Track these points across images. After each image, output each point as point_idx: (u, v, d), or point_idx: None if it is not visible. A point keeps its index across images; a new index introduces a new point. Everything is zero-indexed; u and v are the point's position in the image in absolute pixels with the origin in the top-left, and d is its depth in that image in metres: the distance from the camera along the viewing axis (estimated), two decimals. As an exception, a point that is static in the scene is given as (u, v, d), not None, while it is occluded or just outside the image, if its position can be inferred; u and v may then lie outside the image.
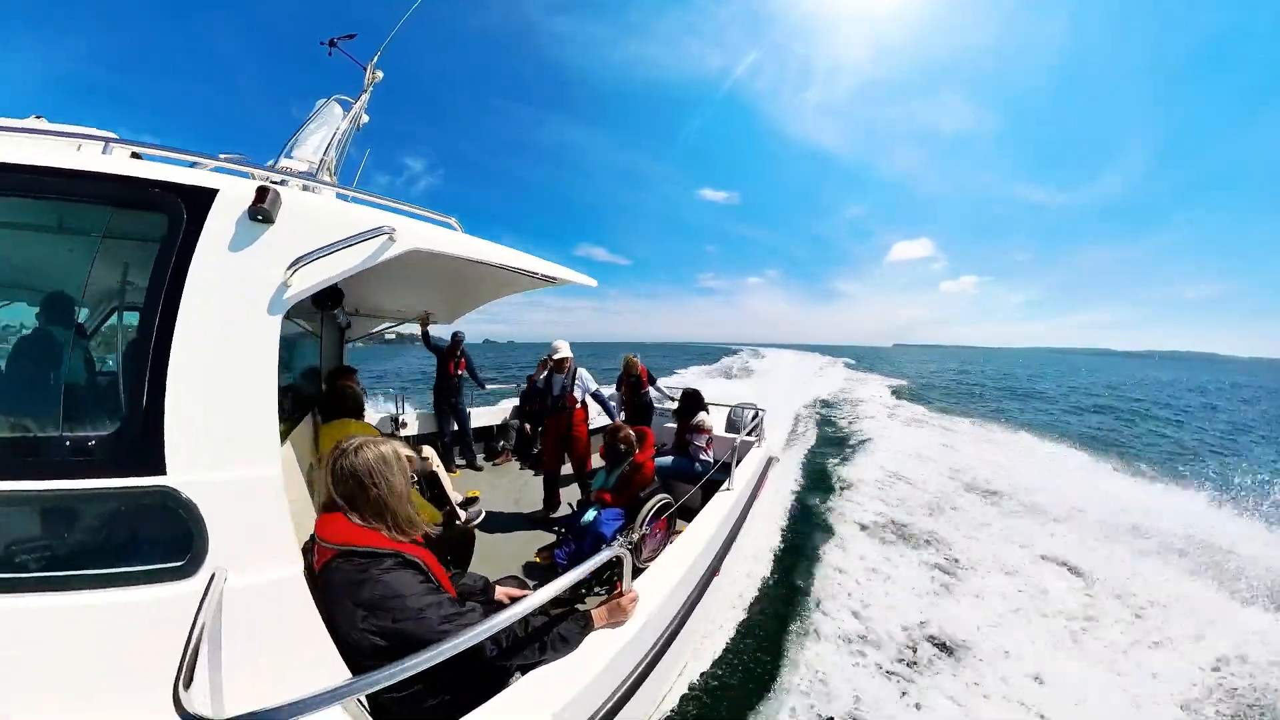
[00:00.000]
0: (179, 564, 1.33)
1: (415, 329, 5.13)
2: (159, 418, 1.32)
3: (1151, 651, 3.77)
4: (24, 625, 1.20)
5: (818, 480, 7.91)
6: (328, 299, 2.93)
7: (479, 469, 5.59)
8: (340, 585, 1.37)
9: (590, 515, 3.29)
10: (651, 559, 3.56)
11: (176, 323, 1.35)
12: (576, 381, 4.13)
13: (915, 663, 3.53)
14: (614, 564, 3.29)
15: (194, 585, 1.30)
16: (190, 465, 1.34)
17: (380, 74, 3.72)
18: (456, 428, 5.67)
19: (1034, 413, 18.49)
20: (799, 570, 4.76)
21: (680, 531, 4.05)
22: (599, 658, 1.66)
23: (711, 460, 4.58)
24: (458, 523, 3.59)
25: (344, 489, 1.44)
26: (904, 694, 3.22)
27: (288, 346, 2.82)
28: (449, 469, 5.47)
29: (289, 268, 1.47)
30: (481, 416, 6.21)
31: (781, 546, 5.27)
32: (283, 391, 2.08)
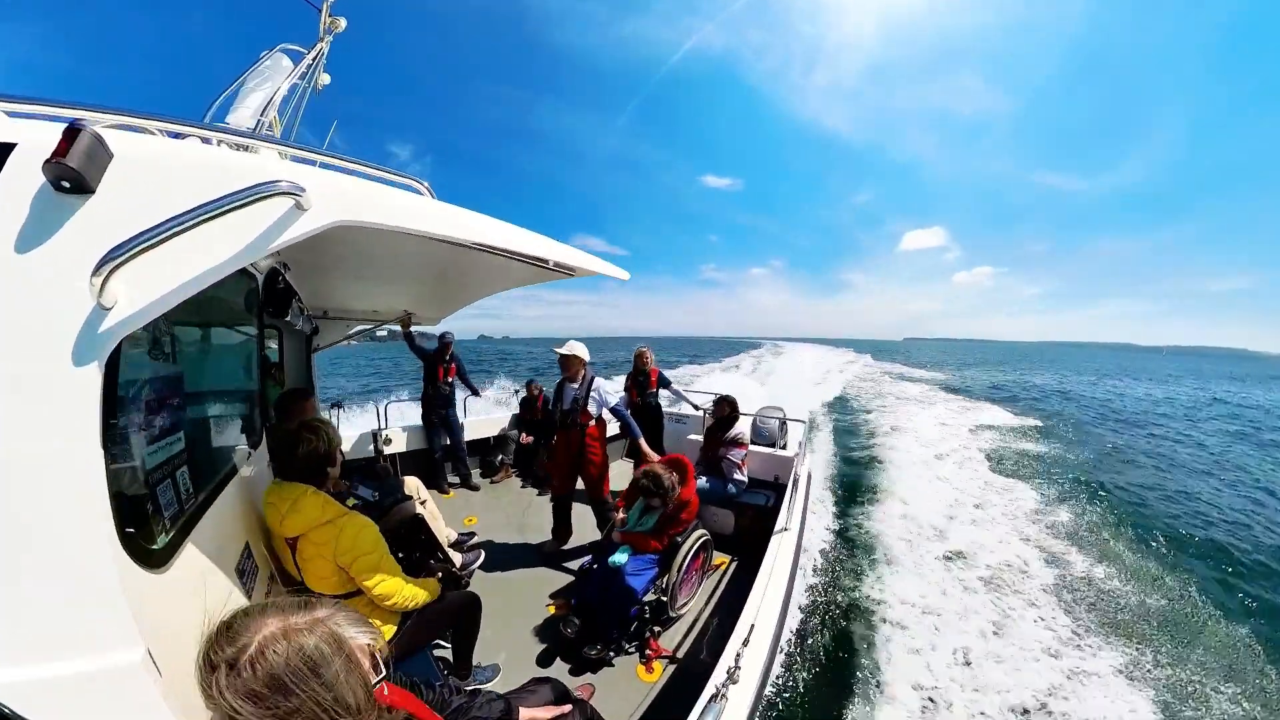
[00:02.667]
0: None
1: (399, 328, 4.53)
2: None
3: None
4: None
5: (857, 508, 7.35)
6: (268, 304, 2.36)
7: (475, 488, 5.08)
8: None
9: (620, 558, 2.78)
10: (687, 603, 3.12)
11: None
12: (592, 394, 3.54)
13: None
14: (645, 617, 2.83)
15: None
16: None
17: (343, 23, 3.11)
18: (448, 442, 5.14)
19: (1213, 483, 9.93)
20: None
21: (718, 566, 3.64)
22: None
23: (745, 480, 4.09)
24: (453, 569, 3.07)
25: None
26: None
27: (228, 358, 2.24)
28: (440, 489, 4.95)
29: (97, 270, 0.86)
30: (475, 428, 5.67)
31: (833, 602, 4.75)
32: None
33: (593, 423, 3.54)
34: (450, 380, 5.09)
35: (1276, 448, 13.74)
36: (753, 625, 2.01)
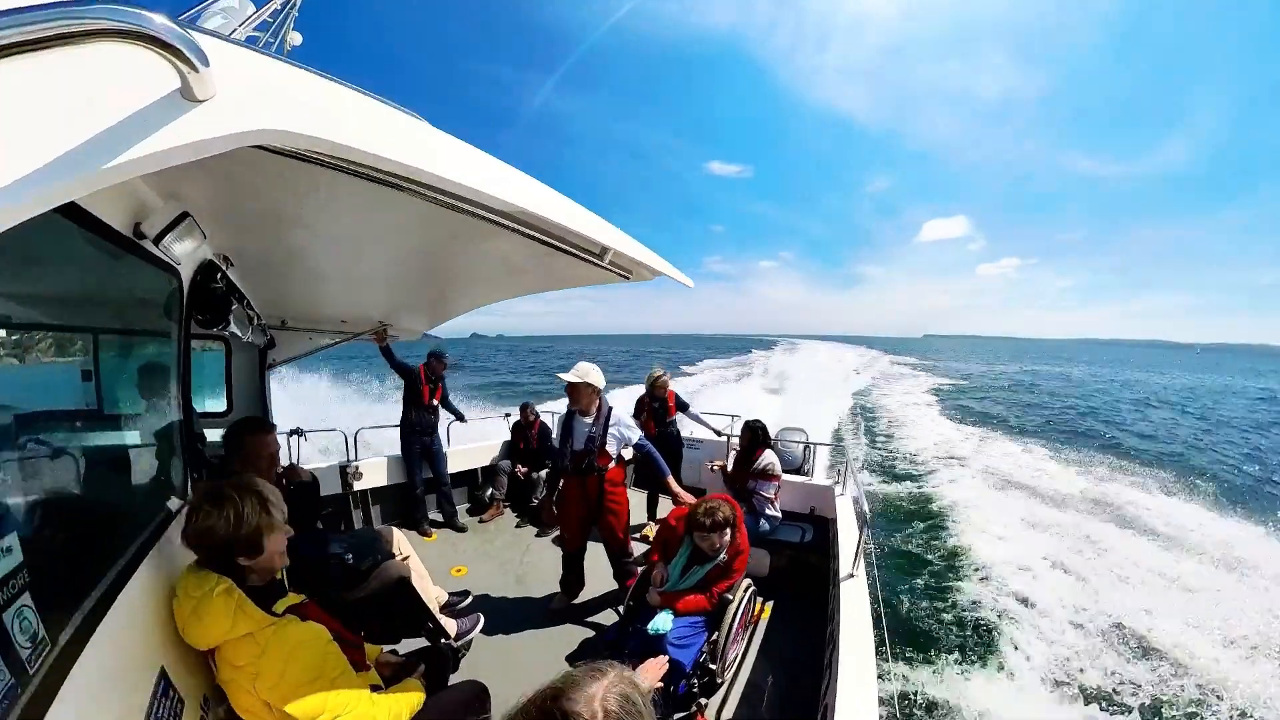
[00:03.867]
0: None
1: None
2: None
3: None
4: None
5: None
6: (199, 308, 1.81)
7: (461, 529, 4.44)
8: None
9: (663, 625, 2.25)
10: (734, 663, 2.60)
11: None
12: (612, 431, 2.94)
13: None
14: (694, 691, 2.30)
15: None
16: None
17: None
18: (430, 475, 4.50)
19: None
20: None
21: (764, 614, 3.11)
22: None
23: (779, 515, 3.63)
24: (447, 641, 2.47)
25: None
26: None
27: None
28: (421, 530, 4.30)
29: None
30: (461, 458, 5.03)
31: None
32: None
33: (613, 464, 2.98)
34: (434, 402, 4.49)
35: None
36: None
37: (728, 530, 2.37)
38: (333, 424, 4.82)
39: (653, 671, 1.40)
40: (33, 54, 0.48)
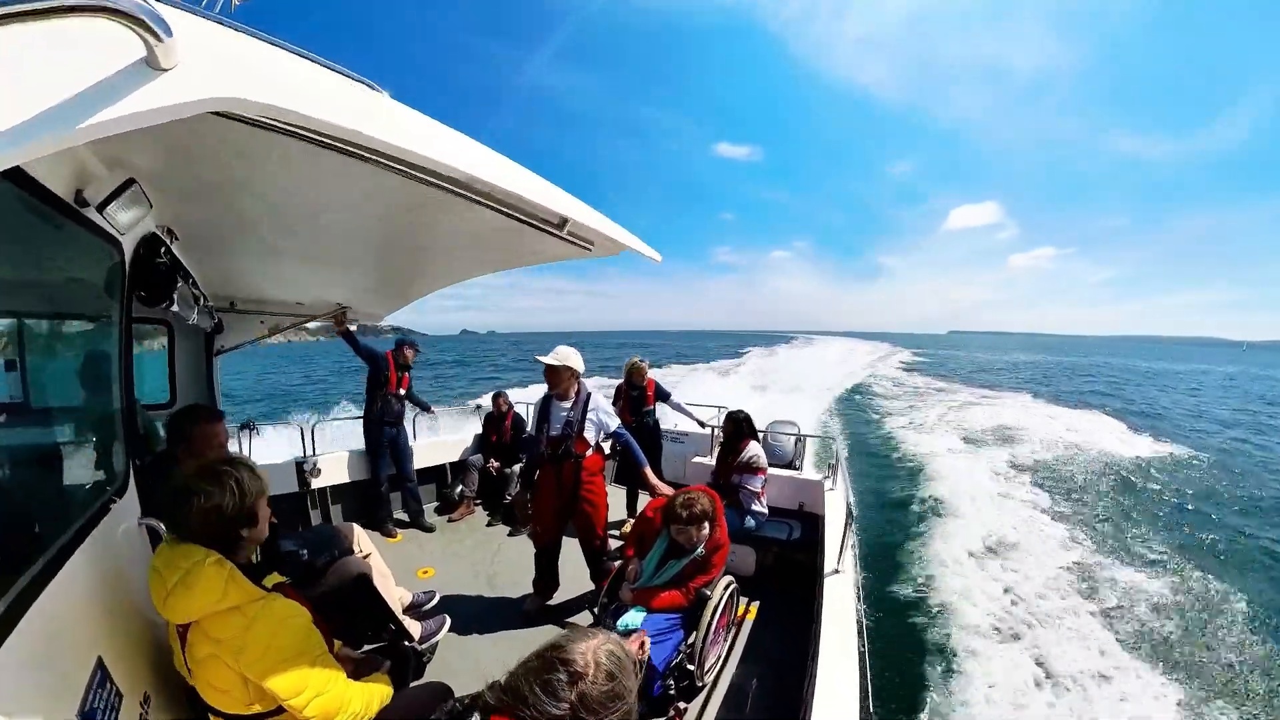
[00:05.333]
0: None
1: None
2: None
3: None
4: None
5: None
6: (141, 285, 1.71)
7: (428, 529, 4.33)
8: None
9: (632, 621, 2.26)
10: (715, 666, 2.62)
11: None
12: (590, 416, 2.91)
13: None
14: (670, 693, 2.31)
15: None
16: None
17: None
18: (395, 470, 4.37)
19: None
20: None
21: (749, 614, 3.14)
22: None
23: (765, 512, 3.66)
24: (411, 644, 2.40)
25: None
26: None
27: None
28: (385, 531, 4.18)
29: None
30: (428, 453, 4.91)
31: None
32: None
33: (590, 452, 2.95)
34: (401, 392, 4.36)
35: None
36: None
37: (706, 523, 2.38)
38: (288, 416, 4.62)
39: (631, 647, 1.43)
40: (5, 26, 0.54)
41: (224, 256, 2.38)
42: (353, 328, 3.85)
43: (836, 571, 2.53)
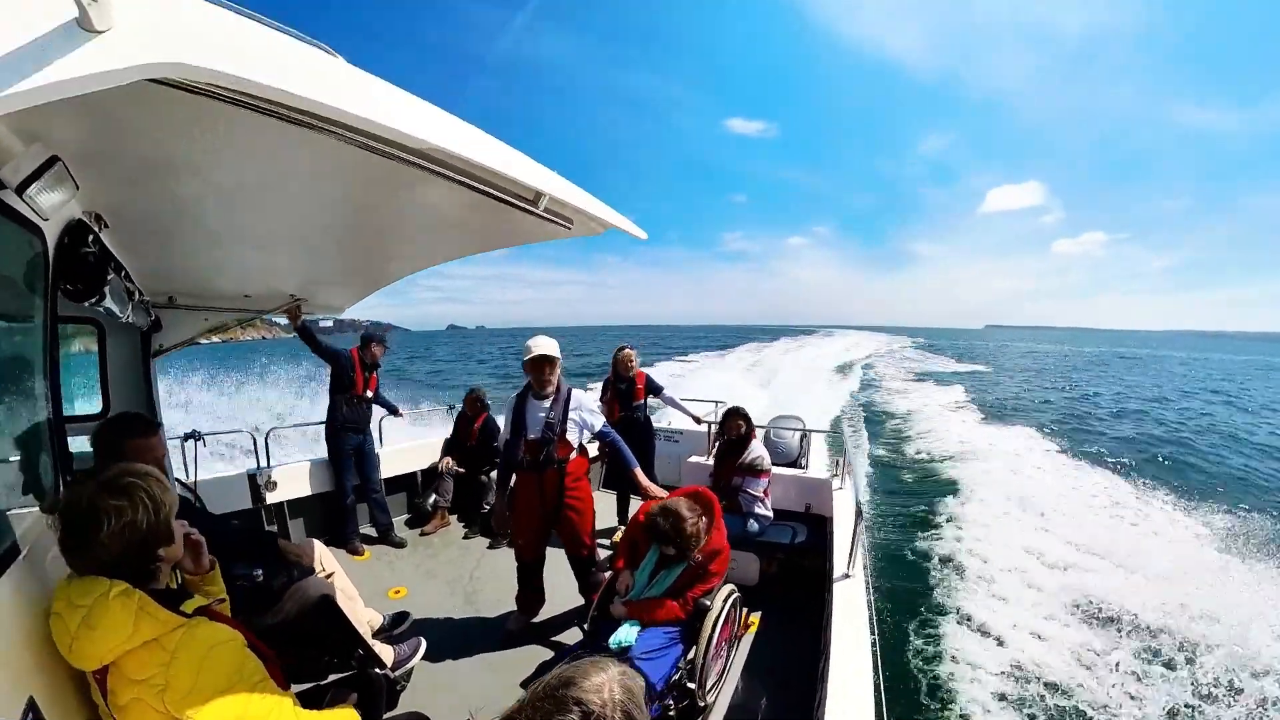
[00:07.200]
0: None
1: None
2: None
3: None
4: None
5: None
6: (67, 278, 1.55)
7: (399, 544, 4.15)
8: None
9: (626, 637, 2.19)
10: (719, 685, 2.57)
11: None
12: (572, 415, 2.79)
13: None
14: (670, 715, 2.25)
15: None
16: None
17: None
18: (360, 481, 4.16)
19: None
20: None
21: (752, 626, 3.04)
22: None
23: (770, 515, 3.61)
24: (382, 671, 2.27)
25: None
26: None
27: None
28: (351, 549, 3.98)
29: None
30: (397, 460, 4.71)
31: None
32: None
33: (574, 454, 2.84)
34: (368, 394, 4.15)
35: None
36: None
37: (695, 543, 2.30)
38: (238, 423, 4.35)
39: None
40: None
41: (161, 244, 2.19)
42: (327, 323, 3.65)
43: (846, 576, 2.51)
